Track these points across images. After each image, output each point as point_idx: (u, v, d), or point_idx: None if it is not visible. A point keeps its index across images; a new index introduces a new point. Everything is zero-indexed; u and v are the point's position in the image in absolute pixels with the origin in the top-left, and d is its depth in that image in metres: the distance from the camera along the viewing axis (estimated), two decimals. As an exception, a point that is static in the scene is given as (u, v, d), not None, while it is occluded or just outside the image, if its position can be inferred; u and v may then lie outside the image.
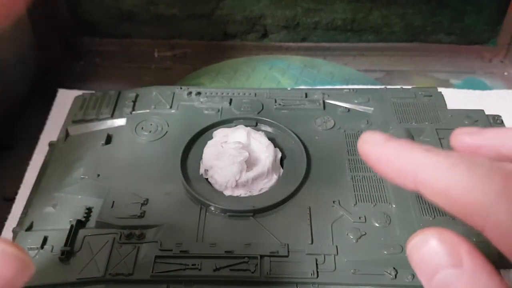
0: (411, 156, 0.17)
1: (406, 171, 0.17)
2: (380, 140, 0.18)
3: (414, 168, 0.17)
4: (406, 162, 0.17)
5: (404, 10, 0.64)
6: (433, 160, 0.16)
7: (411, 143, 0.17)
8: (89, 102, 0.48)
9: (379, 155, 0.18)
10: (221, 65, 0.65)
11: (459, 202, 0.15)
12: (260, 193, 0.39)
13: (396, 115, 0.45)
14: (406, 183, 0.17)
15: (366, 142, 0.18)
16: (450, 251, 0.15)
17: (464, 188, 0.15)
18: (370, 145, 0.18)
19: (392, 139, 0.18)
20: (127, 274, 0.33)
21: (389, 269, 0.33)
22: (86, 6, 0.65)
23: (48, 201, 0.39)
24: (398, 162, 0.17)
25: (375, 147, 0.18)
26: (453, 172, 0.16)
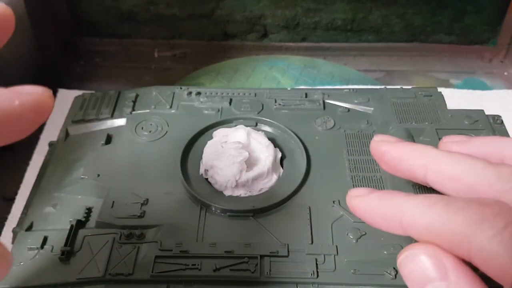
0: (392, 203, 0.18)
1: (390, 217, 0.18)
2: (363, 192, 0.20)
3: (398, 213, 0.18)
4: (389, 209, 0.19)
5: (404, 10, 0.64)
6: (413, 203, 0.18)
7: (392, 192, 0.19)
8: (89, 102, 0.48)
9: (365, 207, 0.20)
10: (221, 65, 0.65)
11: (442, 236, 0.17)
12: (260, 193, 0.39)
13: (396, 115, 0.45)
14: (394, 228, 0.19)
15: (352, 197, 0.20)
16: (437, 265, 0.17)
17: (443, 222, 0.16)
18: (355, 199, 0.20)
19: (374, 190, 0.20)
20: (127, 274, 0.33)
21: (389, 269, 0.33)
22: (86, 6, 0.65)
23: (48, 201, 0.39)
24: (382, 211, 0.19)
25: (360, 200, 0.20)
26: (432, 210, 0.17)
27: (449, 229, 0.16)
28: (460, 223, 0.16)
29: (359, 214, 0.20)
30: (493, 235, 0.15)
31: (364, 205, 0.20)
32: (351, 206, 0.20)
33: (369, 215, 0.19)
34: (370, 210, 0.19)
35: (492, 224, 0.15)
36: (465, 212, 0.16)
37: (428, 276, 0.17)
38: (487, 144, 0.20)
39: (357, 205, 0.20)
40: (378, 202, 0.19)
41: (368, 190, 0.20)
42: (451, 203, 0.17)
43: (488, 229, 0.15)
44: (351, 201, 0.20)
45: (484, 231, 0.15)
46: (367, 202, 0.20)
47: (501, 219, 0.15)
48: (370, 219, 0.19)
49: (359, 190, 0.20)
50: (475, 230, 0.16)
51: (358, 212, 0.20)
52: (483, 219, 0.16)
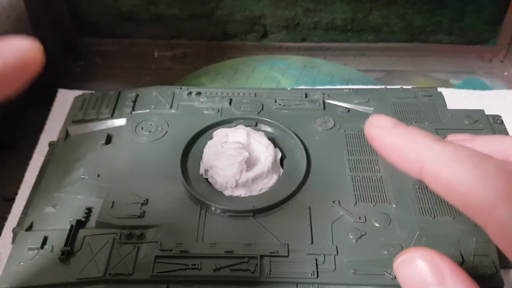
0: (419, 145, 0.17)
1: (412, 159, 0.17)
2: (387, 124, 0.18)
3: (420, 158, 0.17)
4: (413, 150, 0.17)
5: (404, 10, 0.64)
6: (441, 152, 0.16)
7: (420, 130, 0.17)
8: (89, 102, 0.48)
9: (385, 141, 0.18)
10: (221, 65, 0.65)
11: (463, 196, 0.16)
12: (260, 193, 0.39)
13: (396, 115, 0.45)
14: (411, 171, 0.17)
15: (373, 126, 0.18)
16: (434, 270, 0.16)
17: (469, 183, 0.15)
18: (377, 129, 0.18)
19: (401, 124, 0.18)
20: (127, 274, 0.33)
21: (389, 269, 0.33)
22: (86, 6, 0.65)
23: (48, 201, 0.39)
24: (404, 150, 0.17)
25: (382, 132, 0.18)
26: (460, 166, 0.16)
27: (472, 193, 0.15)
28: (486, 189, 0.15)
29: (376, 145, 0.18)
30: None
31: (384, 139, 0.18)
32: (369, 135, 0.18)
33: (388, 150, 0.18)
34: (390, 146, 0.18)
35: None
36: (493, 180, 0.15)
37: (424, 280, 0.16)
38: (491, 142, 0.20)
39: (377, 137, 0.18)
40: (401, 140, 0.17)
41: (394, 123, 0.18)
42: (481, 164, 0.15)
43: None
44: (371, 130, 0.18)
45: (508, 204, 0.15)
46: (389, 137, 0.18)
47: None
48: (387, 154, 0.18)
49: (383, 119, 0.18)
50: (500, 201, 0.15)
51: (376, 144, 0.18)
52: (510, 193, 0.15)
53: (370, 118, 0.18)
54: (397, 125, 0.18)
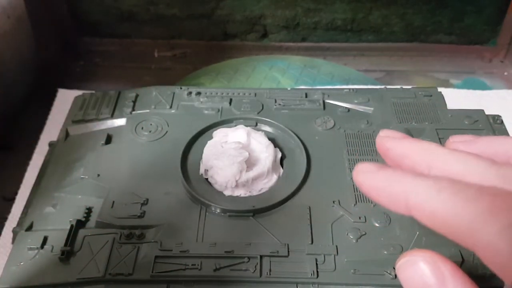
0: (402, 183, 0.18)
1: (397, 197, 0.18)
2: (372, 169, 0.19)
3: (404, 194, 0.17)
4: (397, 188, 0.18)
5: (404, 10, 0.64)
6: (422, 185, 0.17)
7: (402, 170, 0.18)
8: (89, 102, 0.48)
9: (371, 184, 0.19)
10: (221, 65, 0.65)
11: (448, 224, 0.16)
12: (260, 193, 0.39)
13: (396, 115, 0.45)
14: (398, 208, 0.18)
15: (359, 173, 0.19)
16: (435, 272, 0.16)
17: (451, 210, 0.16)
18: (363, 175, 0.19)
19: (384, 168, 0.19)
20: (127, 274, 0.33)
21: (389, 269, 0.33)
22: (86, 6, 0.65)
23: (48, 201, 0.39)
24: (389, 190, 0.18)
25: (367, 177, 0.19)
26: (440, 195, 0.16)
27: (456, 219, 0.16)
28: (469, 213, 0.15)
29: (364, 190, 0.19)
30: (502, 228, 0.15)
31: (370, 182, 0.19)
32: (357, 182, 0.19)
33: (375, 192, 0.19)
34: (376, 188, 0.19)
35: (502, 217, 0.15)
36: (475, 202, 0.15)
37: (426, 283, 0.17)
38: (494, 144, 0.20)
39: (364, 181, 0.19)
40: (386, 181, 0.18)
41: (377, 167, 0.19)
42: (461, 191, 0.16)
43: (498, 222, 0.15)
44: (358, 177, 0.19)
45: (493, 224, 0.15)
46: (374, 180, 0.19)
47: None
48: (375, 196, 0.19)
49: (367, 166, 0.19)
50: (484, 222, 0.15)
51: (364, 188, 0.19)
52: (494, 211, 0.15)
53: (356, 167, 0.20)
54: (381, 168, 0.19)
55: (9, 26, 0.54)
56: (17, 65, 0.56)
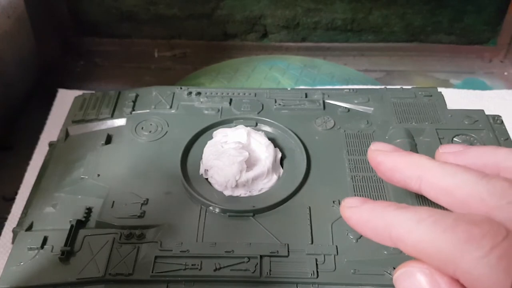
0: (383, 215, 0.18)
1: (380, 230, 0.18)
2: (356, 203, 0.20)
3: (387, 227, 0.18)
4: (379, 221, 0.18)
5: (404, 10, 0.64)
6: (402, 217, 0.18)
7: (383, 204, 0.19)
8: (89, 102, 0.48)
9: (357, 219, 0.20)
10: (221, 65, 0.65)
11: (430, 254, 0.16)
12: (260, 193, 0.39)
13: (396, 115, 0.45)
14: (384, 241, 0.18)
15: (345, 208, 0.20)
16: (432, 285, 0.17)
17: (430, 241, 0.16)
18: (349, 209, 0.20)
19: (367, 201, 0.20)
20: (127, 274, 0.33)
21: (389, 269, 0.33)
22: (86, 6, 0.65)
23: (48, 201, 0.39)
24: (373, 223, 0.19)
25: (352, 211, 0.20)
26: (420, 227, 0.17)
27: (435, 249, 0.16)
28: (447, 243, 0.16)
29: (351, 224, 0.20)
30: (480, 257, 0.15)
31: (356, 217, 0.20)
32: (344, 216, 0.20)
33: (360, 226, 0.19)
34: (361, 222, 0.19)
35: (478, 245, 0.15)
36: (452, 232, 0.16)
37: None
38: (484, 155, 0.20)
39: (349, 216, 0.20)
40: (369, 215, 0.19)
41: (361, 201, 0.20)
42: (439, 220, 0.16)
43: (475, 251, 0.15)
44: (344, 212, 0.20)
45: (471, 252, 0.15)
46: (359, 214, 0.20)
47: (489, 240, 0.15)
48: (361, 230, 0.20)
49: (352, 200, 0.20)
50: (462, 251, 0.15)
51: (350, 223, 0.20)
52: (470, 240, 0.15)
53: (342, 202, 0.21)
54: (364, 202, 0.20)
55: (9, 26, 0.54)
56: (17, 65, 0.56)
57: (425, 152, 0.40)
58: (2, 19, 0.52)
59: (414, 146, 0.42)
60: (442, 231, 0.16)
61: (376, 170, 0.22)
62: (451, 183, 0.18)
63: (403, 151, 0.21)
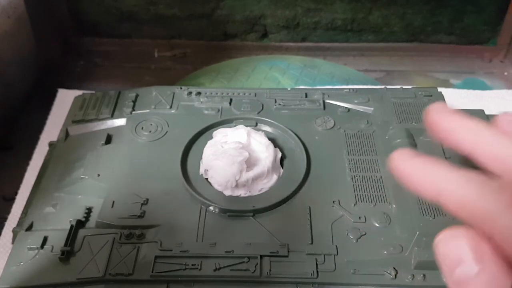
0: (434, 170, 0.19)
1: (428, 184, 0.19)
2: (409, 155, 0.20)
3: (435, 182, 0.19)
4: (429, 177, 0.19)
5: (404, 10, 0.64)
6: (452, 175, 0.19)
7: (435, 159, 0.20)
8: (89, 102, 0.48)
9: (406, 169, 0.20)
10: (221, 65, 0.65)
11: (473, 211, 0.17)
12: (260, 193, 0.39)
13: (396, 115, 0.45)
14: (428, 194, 0.19)
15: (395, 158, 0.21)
16: (475, 248, 0.17)
17: (477, 199, 0.17)
18: (399, 159, 0.21)
19: (420, 155, 0.20)
20: (127, 274, 0.33)
21: (389, 269, 0.33)
22: (86, 6, 0.65)
23: (48, 201, 0.39)
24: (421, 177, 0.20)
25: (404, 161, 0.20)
26: (468, 185, 0.18)
27: (479, 207, 0.17)
28: (490, 203, 0.17)
29: (397, 174, 0.21)
30: None
31: (404, 167, 0.20)
32: (391, 166, 0.21)
33: (407, 177, 0.20)
34: (409, 173, 0.20)
35: None
36: (498, 194, 0.17)
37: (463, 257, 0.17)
38: None
39: (398, 166, 0.20)
40: (420, 167, 0.20)
41: (413, 154, 0.20)
42: (488, 183, 0.18)
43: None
44: (393, 161, 0.21)
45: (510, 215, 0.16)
46: (409, 165, 0.20)
47: None
48: (408, 181, 0.20)
49: (405, 152, 0.21)
50: (503, 213, 0.17)
51: (397, 172, 0.21)
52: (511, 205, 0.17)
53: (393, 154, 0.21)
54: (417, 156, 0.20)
55: (9, 26, 0.54)
56: (17, 65, 0.56)
57: (425, 152, 0.41)
58: (2, 19, 0.52)
59: (414, 146, 0.42)
60: (488, 192, 0.17)
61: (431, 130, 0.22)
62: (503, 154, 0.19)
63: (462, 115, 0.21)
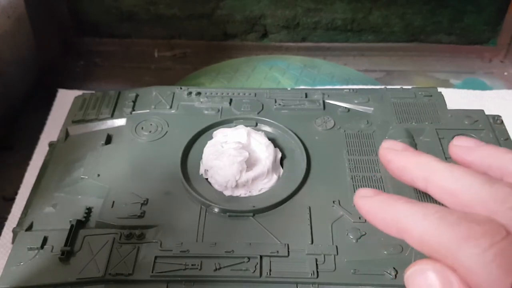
0: (392, 208, 0.19)
1: (388, 221, 0.20)
2: (369, 194, 0.21)
3: (395, 218, 0.19)
4: (389, 213, 0.20)
5: (404, 10, 0.64)
6: (410, 211, 0.19)
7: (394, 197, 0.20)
8: (89, 102, 0.48)
9: (368, 208, 0.21)
10: (221, 65, 0.65)
11: (433, 247, 0.17)
12: (260, 193, 0.39)
13: (396, 115, 0.45)
14: (391, 231, 0.20)
15: (358, 197, 0.21)
16: (444, 283, 0.17)
17: (434, 234, 0.17)
18: (362, 199, 0.21)
19: (380, 193, 0.21)
20: (127, 274, 0.33)
21: (389, 269, 0.33)
22: (86, 6, 0.65)
23: (48, 201, 0.39)
24: (382, 214, 0.20)
25: (365, 201, 0.21)
26: (426, 220, 0.18)
27: (438, 242, 0.17)
28: (449, 237, 0.17)
29: (362, 213, 0.21)
30: (478, 253, 0.16)
31: (367, 206, 0.21)
32: (356, 205, 0.22)
33: (371, 216, 0.21)
34: (372, 211, 0.21)
35: (478, 242, 0.16)
36: (455, 227, 0.17)
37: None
38: (491, 157, 0.21)
39: (362, 205, 0.21)
40: (380, 205, 0.20)
41: (375, 192, 0.21)
42: (444, 216, 0.18)
43: (474, 247, 0.16)
44: (357, 201, 0.22)
45: (470, 248, 0.16)
46: (371, 204, 0.21)
47: (488, 238, 0.16)
48: (371, 219, 0.21)
49: (366, 191, 0.21)
50: (462, 246, 0.16)
51: (362, 212, 0.21)
52: (470, 237, 0.16)
53: (357, 192, 0.22)
54: (377, 194, 0.21)
55: (9, 26, 0.54)
56: (17, 65, 0.56)
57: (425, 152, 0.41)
58: (2, 19, 0.52)
59: (414, 146, 0.42)
60: (445, 226, 0.17)
61: (386, 168, 0.23)
62: (456, 186, 0.19)
63: (413, 151, 0.22)
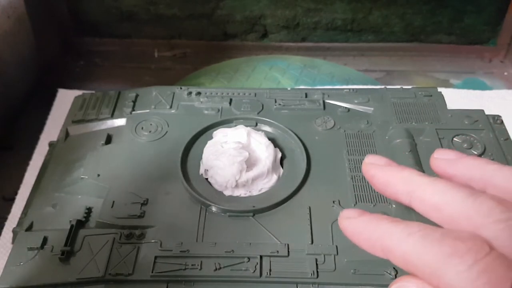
0: (376, 228, 0.19)
1: (373, 241, 0.19)
2: (353, 215, 0.21)
3: (379, 238, 0.19)
4: (373, 233, 0.19)
5: (404, 10, 0.64)
6: (394, 230, 0.19)
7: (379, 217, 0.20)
8: (89, 102, 0.48)
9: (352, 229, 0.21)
10: (221, 65, 0.65)
11: (416, 266, 0.17)
12: (260, 193, 0.39)
13: (396, 115, 0.45)
14: (376, 251, 0.19)
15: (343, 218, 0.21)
16: None
17: (417, 253, 0.17)
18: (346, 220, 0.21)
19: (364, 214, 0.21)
20: (127, 274, 0.33)
21: (389, 269, 0.33)
22: (86, 6, 0.65)
23: (48, 201, 0.39)
24: (366, 235, 0.20)
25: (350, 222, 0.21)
26: (409, 239, 0.18)
27: (422, 261, 0.17)
28: (432, 256, 0.17)
29: (347, 235, 0.21)
30: (462, 270, 0.16)
31: (352, 228, 0.21)
32: (341, 227, 0.21)
33: (356, 237, 0.20)
34: (357, 232, 0.20)
35: (461, 259, 0.16)
36: (438, 245, 0.17)
37: None
38: (473, 169, 0.21)
39: (346, 227, 0.21)
40: (364, 226, 0.20)
41: (358, 213, 0.21)
42: (427, 235, 0.17)
43: (457, 265, 0.16)
44: (341, 223, 0.21)
45: (454, 266, 0.16)
46: (355, 225, 0.21)
47: (471, 255, 0.16)
48: (356, 241, 0.21)
49: (350, 212, 0.21)
50: (445, 264, 0.16)
51: (347, 234, 0.21)
52: (454, 254, 0.16)
53: (341, 213, 0.22)
54: (361, 214, 0.21)
55: (9, 26, 0.54)
56: (17, 65, 0.56)
57: (425, 152, 0.41)
58: (2, 19, 0.52)
59: (414, 146, 0.42)
60: (429, 245, 0.17)
61: (370, 183, 0.23)
62: (440, 200, 0.19)
63: (396, 166, 0.22)
